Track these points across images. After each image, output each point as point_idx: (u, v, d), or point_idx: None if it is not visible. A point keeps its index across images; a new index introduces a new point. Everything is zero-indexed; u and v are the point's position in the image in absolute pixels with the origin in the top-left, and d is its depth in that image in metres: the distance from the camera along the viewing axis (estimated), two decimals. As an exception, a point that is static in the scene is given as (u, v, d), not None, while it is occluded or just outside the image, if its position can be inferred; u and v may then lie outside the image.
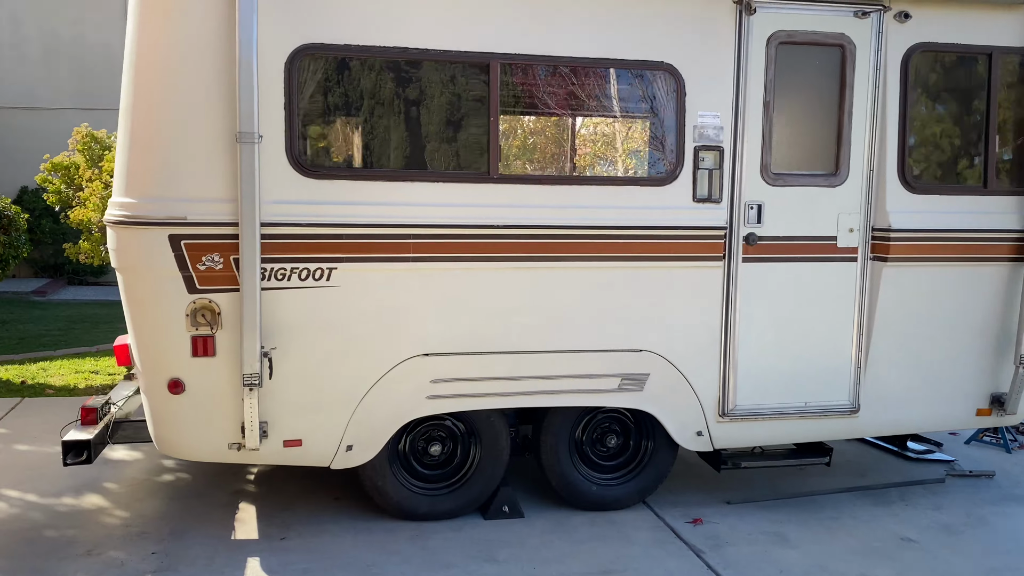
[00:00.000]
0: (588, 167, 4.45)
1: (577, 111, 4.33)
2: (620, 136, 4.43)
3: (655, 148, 4.33)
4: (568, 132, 4.42)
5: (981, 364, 4.74)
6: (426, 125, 4.10)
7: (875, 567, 4.03)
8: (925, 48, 4.45)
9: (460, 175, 4.08)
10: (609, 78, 4.26)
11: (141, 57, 3.81)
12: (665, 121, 4.25)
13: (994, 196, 4.61)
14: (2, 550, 3.93)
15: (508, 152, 4.24)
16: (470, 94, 4.06)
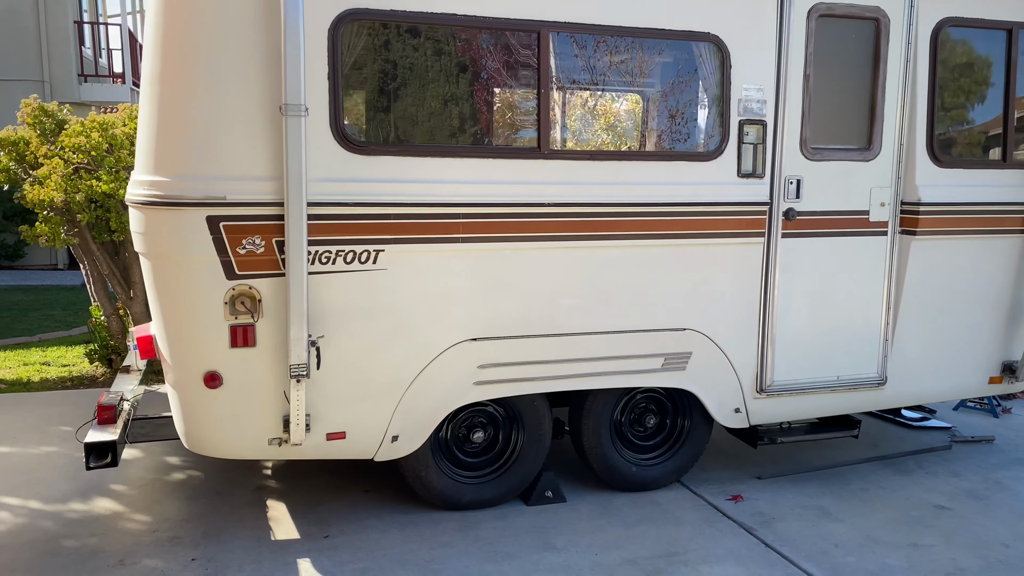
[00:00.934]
0: (637, 142, 4.33)
1: (626, 84, 4.20)
2: (667, 110, 4.31)
3: (702, 122, 4.24)
4: (617, 106, 4.28)
5: (995, 333, 4.87)
6: (475, 98, 3.90)
7: (922, 536, 4.10)
8: (953, 22, 4.49)
9: (510, 151, 3.90)
10: (657, 49, 4.13)
11: (170, 21, 3.47)
12: (711, 94, 4.17)
13: (1013, 170, 4.71)
14: (24, 565, 3.58)
15: (558, 127, 4.07)
16: (520, 65, 3.87)
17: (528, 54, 3.85)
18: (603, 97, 4.26)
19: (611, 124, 4.33)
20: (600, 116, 4.30)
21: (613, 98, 4.25)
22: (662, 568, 3.71)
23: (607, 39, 4.00)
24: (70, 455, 4.83)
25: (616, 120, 4.33)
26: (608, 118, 4.32)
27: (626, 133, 4.33)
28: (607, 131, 4.32)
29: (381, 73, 3.72)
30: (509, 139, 3.97)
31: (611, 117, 4.32)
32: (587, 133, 4.28)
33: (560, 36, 3.89)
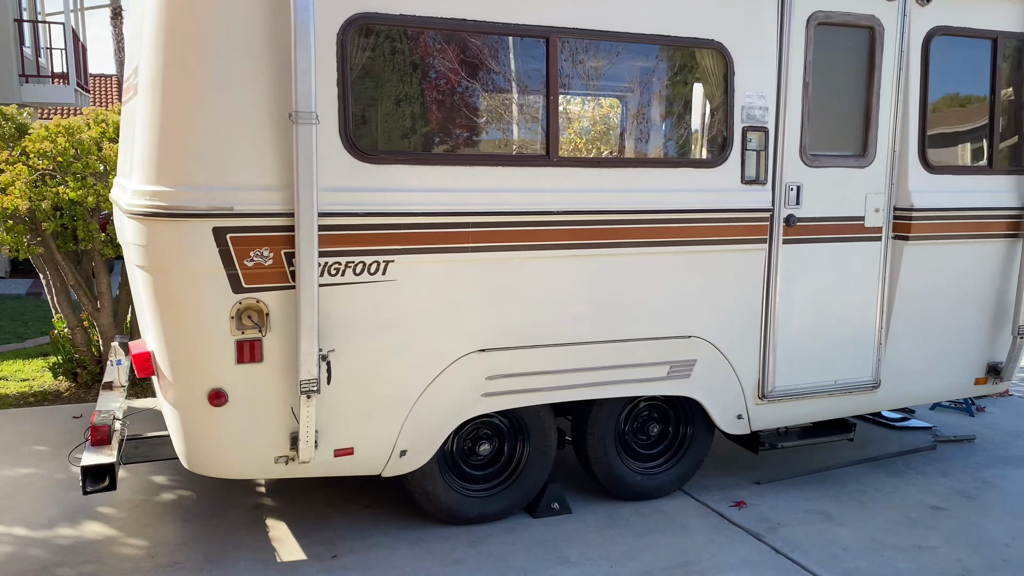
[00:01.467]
0: (645, 149, 4.31)
1: (633, 91, 4.17)
2: (673, 117, 4.30)
3: (706, 129, 4.23)
4: (625, 112, 4.25)
5: (981, 336, 4.98)
6: (485, 104, 3.82)
7: (924, 537, 4.15)
8: (942, 31, 4.58)
9: (519, 158, 3.84)
10: (663, 56, 4.12)
11: (173, 25, 3.32)
12: (716, 101, 4.16)
13: (998, 176, 4.82)
14: (18, 597, 3.39)
15: (566, 133, 4.02)
16: (528, 71, 3.82)
17: (537, 60, 3.80)
18: (610, 103, 4.23)
19: (618, 131, 4.30)
20: (607, 123, 4.27)
21: (620, 104, 4.22)
22: (679, 579, 3.69)
23: (615, 45, 3.97)
24: (50, 476, 4.60)
25: (623, 127, 4.30)
26: (615, 125, 4.28)
27: (633, 140, 4.30)
28: (614, 138, 4.29)
29: (390, 79, 3.62)
30: (518, 146, 3.91)
31: (618, 124, 4.29)
32: (595, 140, 4.24)
33: (568, 42, 3.84)
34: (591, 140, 4.22)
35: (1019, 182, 4.86)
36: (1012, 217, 4.84)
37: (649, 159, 4.22)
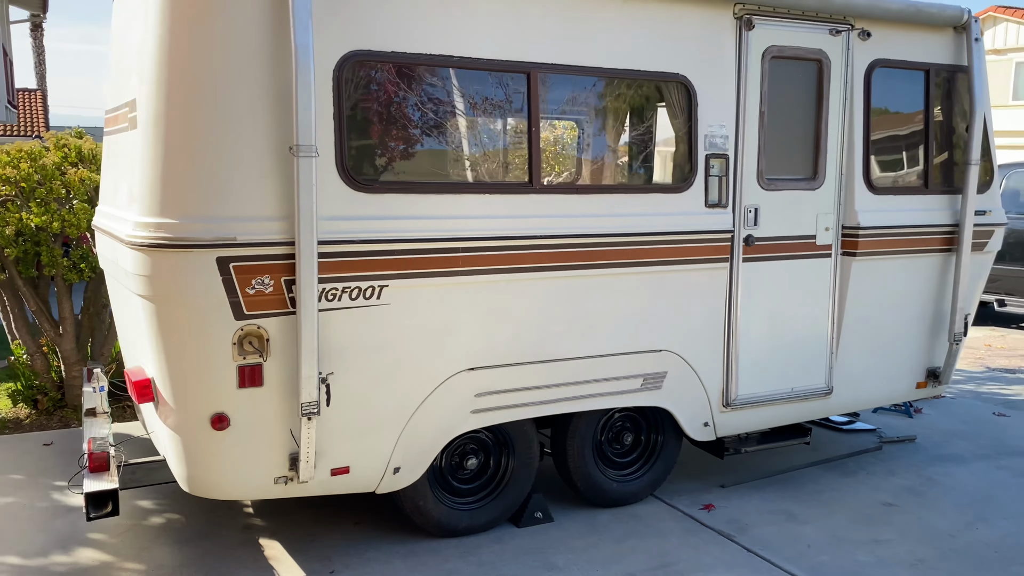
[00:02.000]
0: (618, 176, 4.56)
1: (607, 121, 4.42)
2: (644, 145, 4.57)
3: (673, 157, 4.51)
4: (600, 142, 4.50)
5: (921, 343, 5.39)
6: (471, 136, 4.03)
7: (880, 532, 4.49)
8: (882, 63, 4.97)
9: (504, 186, 4.05)
10: (633, 89, 4.39)
11: (175, 61, 3.44)
12: (681, 131, 4.45)
13: (933, 195, 5.24)
14: (25, 625, 3.43)
15: (547, 163, 4.25)
16: (512, 103, 4.04)
17: (519, 93, 4.02)
18: (587, 133, 4.48)
19: (594, 159, 4.55)
20: (584, 151, 4.52)
21: (595, 134, 4.47)
22: (662, 579, 3.93)
23: (590, 79, 4.22)
24: (32, 505, 4.60)
25: (599, 155, 4.55)
26: (592, 153, 4.53)
27: (608, 167, 4.56)
28: (591, 166, 4.54)
29: (383, 113, 3.79)
30: (503, 175, 4.13)
31: (594, 152, 4.54)
32: (573, 168, 4.48)
33: (547, 77, 4.07)
34: (570, 168, 4.46)
35: (952, 201, 5.28)
36: (946, 233, 5.26)
37: (622, 186, 4.48)
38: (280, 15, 3.46)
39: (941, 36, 5.15)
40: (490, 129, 4.09)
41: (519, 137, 4.08)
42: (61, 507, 4.59)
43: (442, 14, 3.80)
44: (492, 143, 4.13)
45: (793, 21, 4.65)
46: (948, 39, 5.16)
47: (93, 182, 6.23)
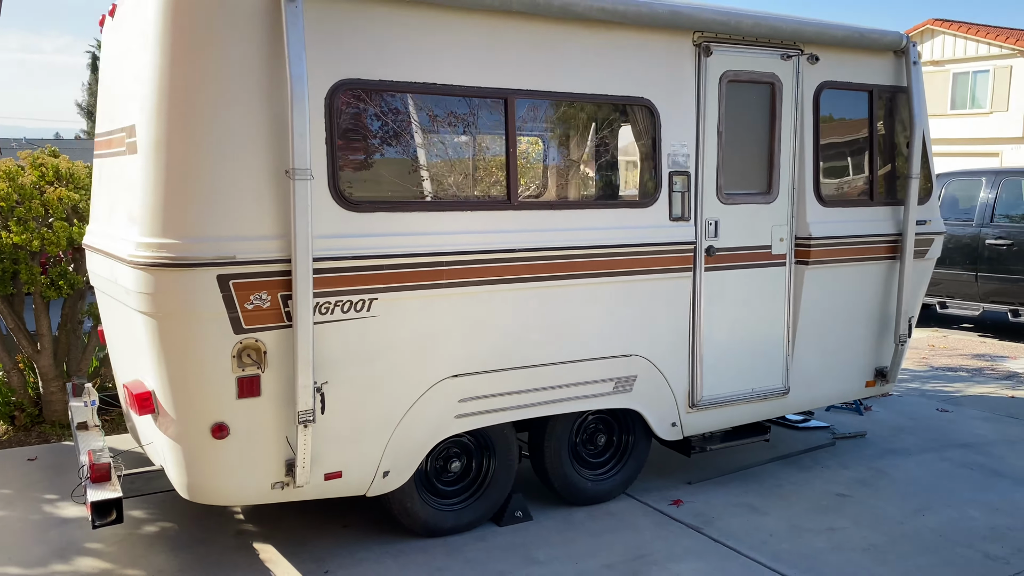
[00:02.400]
0: (590, 192, 4.85)
1: (578, 142, 4.71)
2: (613, 164, 4.87)
3: (640, 174, 4.82)
4: (572, 161, 4.78)
5: (870, 344, 5.77)
6: (455, 157, 4.28)
7: (835, 521, 4.83)
8: (830, 85, 5.35)
9: (485, 203, 4.31)
10: (602, 112, 4.68)
11: (176, 90, 3.64)
12: (646, 150, 4.76)
13: (878, 207, 5.63)
14: (36, 629, 3.58)
15: (523, 180, 4.52)
16: (491, 127, 4.31)
17: (497, 117, 4.29)
18: (561, 153, 4.76)
19: (568, 177, 4.83)
20: (558, 170, 4.80)
21: (569, 154, 4.76)
22: (637, 569, 4.21)
23: (562, 104, 4.51)
24: (24, 518, 4.72)
25: (572, 173, 4.84)
26: (565, 172, 4.82)
27: (580, 184, 4.85)
28: (565, 183, 4.82)
29: (373, 136, 4.03)
30: (484, 193, 4.39)
31: (568, 171, 4.82)
32: (548, 185, 4.75)
33: (523, 102, 4.35)
34: (546, 185, 4.74)
35: (895, 212, 5.68)
36: (891, 242, 5.65)
37: (593, 201, 4.78)
38: (275, 46, 3.68)
39: (883, 59, 5.55)
40: (471, 150, 4.35)
41: (498, 157, 4.34)
42: (54, 519, 4.72)
43: (426, 44, 4.05)
44: (473, 163, 4.39)
45: (747, 47, 5.00)
46: (889, 62, 5.57)
47: (71, 201, 6.35)
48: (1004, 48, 26.27)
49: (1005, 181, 10.49)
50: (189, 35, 3.65)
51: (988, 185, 10.54)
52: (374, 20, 3.93)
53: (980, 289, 10.40)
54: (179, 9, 3.64)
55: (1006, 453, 6.04)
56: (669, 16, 4.64)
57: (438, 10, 4.07)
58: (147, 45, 3.74)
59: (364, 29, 3.91)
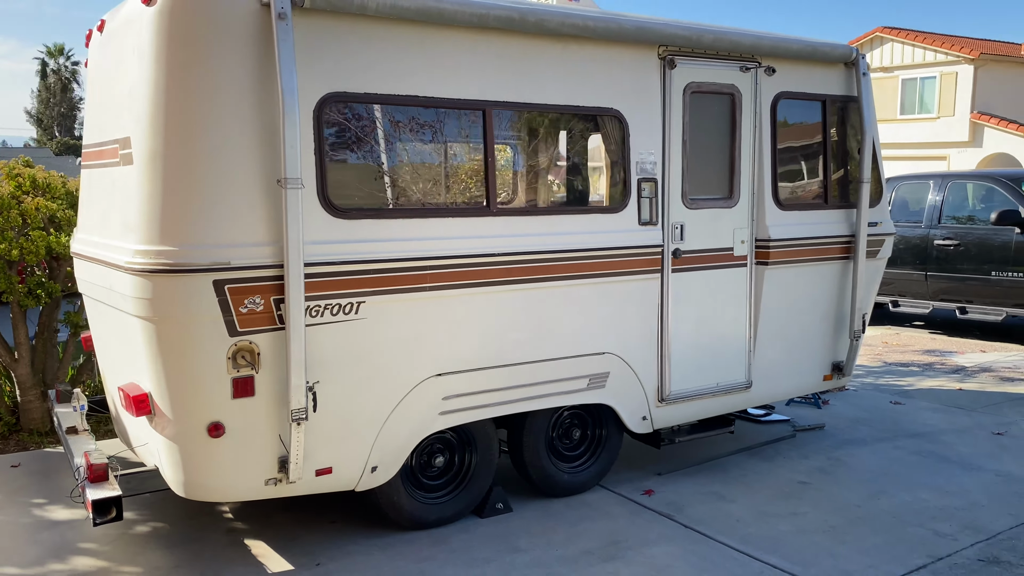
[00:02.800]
0: (563, 199, 5.09)
1: (553, 150, 4.95)
2: (585, 171, 5.11)
3: (610, 181, 5.07)
4: (547, 169, 5.02)
5: (827, 340, 6.10)
6: (436, 166, 4.49)
7: (797, 506, 5.13)
8: (785, 95, 5.67)
9: (465, 210, 4.53)
10: (575, 123, 4.93)
11: (171, 103, 3.81)
12: (616, 158, 5.02)
13: (832, 210, 5.96)
14: (40, 624, 3.70)
15: (502, 188, 4.74)
16: (470, 136, 4.53)
17: (476, 128, 4.52)
18: (536, 161, 5.00)
19: (543, 184, 5.07)
20: (534, 177, 5.03)
21: (544, 162, 5.00)
22: (614, 554, 4.45)
23: (537, 114, 4.75)
24: (15, 522, 4.81)
25: (547, 180, 5.08)
26: (541, 179, 5.05)
27: (555, 191, 5.09)
28: (540, 190, 5.06)
29: (358, 146, 4.23)
30: (464, 200, 4.61)
31: (543, 178, 5.06)
32: (525, 192, 4.98)
33: (500, 113, 4.58)
34: (522, 192, 4.97)
35: (848, 214, 6.01)
36: (844, 243, 5.99)
37: (567, 207, 5.02)
38: (266, 61, 3.87)
39: (835, 71, 5.89)
40: (452, 159, 4.56)
41: (478, 165, 4.57)
42: (45, 521, 4.82)
43: (408, 58, 4.27)
44: (454, 171, 4.60)
45: (709, 60, 5.29)
46: (840, 73, 5.91)
47: (49, 210, 6.43)
48: (950, 55, 27.19)
49: (952, 184, 10.99)
50: (184, 51, 3.82)
51: (936, 188, 11.02)
52: (359, 35, 4.13)
53: (930, 288, 10.87)
54: (174, 26, 3.81)
55: (954, 441, 6.41)
56: (636, 31, 4.91)
57: (419, 26, 4.29)
58: (142, 60, 3.90)
59: (350, 44, 4.11)
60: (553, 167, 5.06)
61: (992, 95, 27.04)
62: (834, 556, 4.44)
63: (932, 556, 4.43)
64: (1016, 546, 4.55)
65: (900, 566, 4.32)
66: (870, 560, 4.40)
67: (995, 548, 4.52)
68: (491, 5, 4.42)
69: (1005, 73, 27.49)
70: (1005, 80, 27.30)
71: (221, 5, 3.84)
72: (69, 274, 6.70)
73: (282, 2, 3.84)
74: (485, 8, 4.38)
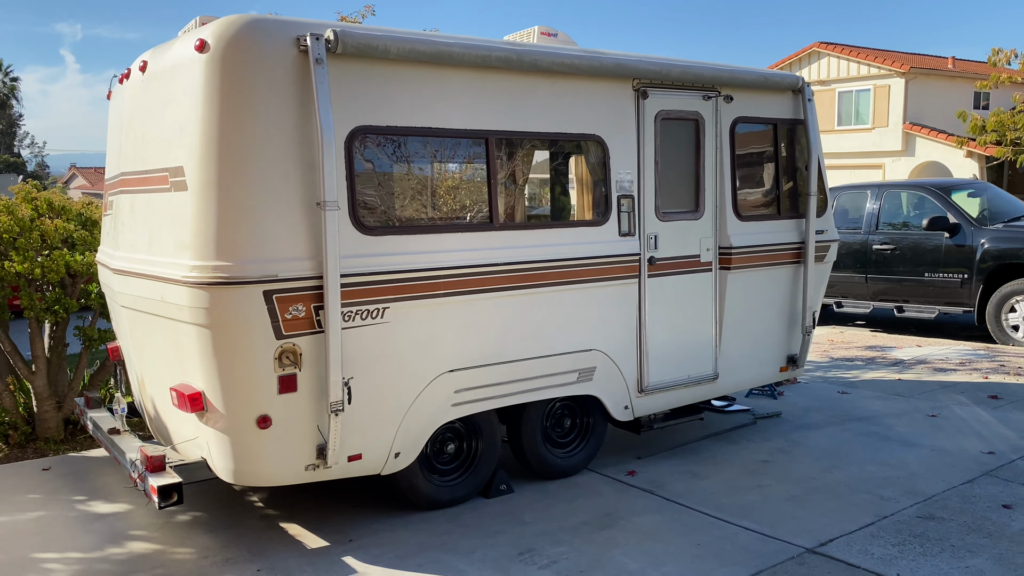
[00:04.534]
0: (555, 214, 5.75)
1: (545, 172, 5.62)
2: (573, 190, 5.78)
3: (595, 198, 5.76)
4: (541, 187, 5.67)
5: (782, 335, 6.86)
6: (447, 187, 5.12)
7: (762, 480, 5.85)
8: (742, 120, 6.43)
9: (473, 225, 5.16)
10: (563, 147, 5.60)
11: (223, 138, 4.37)
12: (599, 177, 5.70)
13: (784, 220, 6.73)
14: (118, 595, 4.20)
15: (503, 205, 5.39)
16: (476, 161, 5.17)
17: (480, 153, 5.16)
18: (531, 182, 5.65)
19: (539, 201, 5.73)
20: (530, 196, 5.68)
21: (539, 182, 5.66)
22: (608, 523, 5.11)
23: (531, 142, 5.41)
24: (63, 516, 5.28)
25: (541, 198, 5.74)
26: (536, 197, 5.71)
27: (548, 207, 5.75)
28: (536, 206, 5.71)
29: (382, 172, 4.84)
30: (473, 217, 5.24)
31: (538, 196, 5.72)
32: (522, 209, 5.63)
33: (501, 140, 5.24)
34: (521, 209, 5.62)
35: (798, 224, 6.79)
36: (795, 249, 6.76)
37: (558, 221, 5.69)
38: (304, 99, 4.46)
39: (784, 97, 6.68)
40: (461, 180, 5.19)
41: (482, 186, 5.21)
42: (92, 515, 5.30)
43: (423, 95, 4.89)
44: (463, 191, 5.23)
45: (676, 90, 6.01)
46: (789, 99, 6.69)
47: (66, 231, 6.88)
48: (883, 69, 28.72)
49: (887, 193, 11.96)
50: (233, 92, 4.39)
51: (873, 197, 11.98)
52: (382, 76, 4.75)
53: (870, 289, 11.80)
54: (225, 70, 4.38)
55: (895, 423, 7.22)
56: (614, 67, 5.61)
57: (432, 66, 4.92)
58: (194, 99, 4.45)
59: (374, 84, 4.72)
60: (545, 186, 5.72)
61: (922, 106, 28.64)
62: (797, 519, 5.16)
63: (879, 515, 5.18)
64: (948, 505, 5.33)
65: (853, 524, 5.06)
66: (827, 520, 5.12)
67: (930, 507, 5.29)
68: (492, 47, 5.07)
69: (934, 85, 29.14)
70: (934, 92, 28.94)
71: (266, 51, 4.42)
72: (83, 291, 7.15)
73: (319, 49, 4.44)
74: (487, 50, 5.04)
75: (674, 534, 4.96)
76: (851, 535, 4.89)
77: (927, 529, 4.95)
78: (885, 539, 4.83)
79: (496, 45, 5.12)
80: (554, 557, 4.66)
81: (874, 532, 4.93)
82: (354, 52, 4.59)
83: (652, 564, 4.57)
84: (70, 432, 7.24)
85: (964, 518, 5.10)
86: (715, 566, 4.54)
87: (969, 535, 4.85)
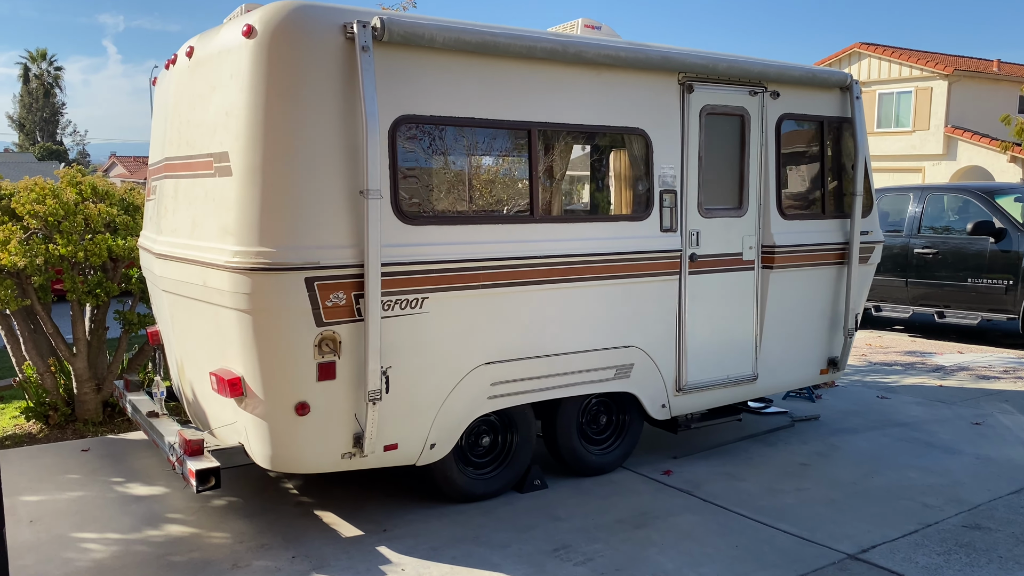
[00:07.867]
0: (596, 208, 5.69)
1: (586, 164, 5.56)
2: (615, 184, 5.72)
3: (637, 192, 5.69)
4: (582, 181, 5.62)
5: (823, 337, 6.74)
6: (489, 178, 5.08)
7: (800, 483, 5.75)
8: (788, 116, 6.31)
9: (513, 217, 5.12)
10: (606, 140, 5.54)
11: (269, 124, 4.37)
12: (641, 172, 5.63)
13: (829, 219, 6.61)
14: (154, 577, 4.23)
15: (544, 197, 5.34)
16: (518, 153, 5.13)
17: (523, 145, 5.11)
18: (573, 174, 5.60)
19: (579, 194, 5.67)
20: (570, 188, 5.63)
21: (580, 175, 5.60)
22: (644, 522, 5.05)
23: (573, 134, 5.35)
24: (102, 496, 5.33)
25: (581, 191, 5.68)
26: (576, 190, 5.66)
27: (588, 201, 5.69)
28: (575, 199, 5.66)
29: (425, 162, 4.81)
30: (513, 208, 5.20)
31: (578, 189, 5.67)
32: (562, 202, 5.58)
33: (544, 132, 5.19)
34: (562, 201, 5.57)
35: (843, 224, 6.66)
36: (840, 249, 6.63)
37: (599, 215, 5.63)
38: (350, 87, 4.44)
39: (831, 94, 6.55)
40: (502, 171, 5.15)
41: (524, 178, 5.16)
42: (130, 496, 5.34)
43: (467, 85, 4.85)
44: (504, 183, 5.19)
45: (722, 85, 5.92)
46: (836, 97, 6.57)
47: (110, 215, 6.94)
48: (925, 71, 28.21)
49: (930, 196, 11.73)
50: (280, 78, 4.38)
51: (915, 200, 11.75)
52: (426, 65, 4.72)
53: (910, 294, 11.59)
54: (272, 56, 4.38)
55: (937, 430, 7.07)
56: (660, 60, 5.53)
57: (477, 56, 4.88)
58: (241, 84, 4.46)
59: (419, 72, 4.69)
60: (586, 179, 5.67)
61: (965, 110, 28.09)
62: (837, 523, 5.06)
63: (922, 523, 5.06)
64: (994, 515, 5.19)
65: (895, 531, 4.95)
66: (868, 526, 5.02)
67: (976, 517, 5.16)
68: (538, 38, 5.02)
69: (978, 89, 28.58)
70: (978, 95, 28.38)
71: (312, 38, 4.41)
72: (124, 275, 7.22)
73: (365, 36, 4.42)
74: (533, 41, 4.99)
75: (711, 535, 4.89)
76: (894, 542, 4.78)
77: (973, 539, 4.83)
78: (930, 548, 4.71)
79: (542, 36, 5.07)
80: (589, 554, 4.61)
81: (918, 540, 4.81)
82: (400, 40, 4.57)
83: (689, 564, 4.50)
84: (108, 414, 7.32)
85: (1012, 529, 4.96)
86: (754, 569, 4.46)
87: (1018, 546, 4.72)
